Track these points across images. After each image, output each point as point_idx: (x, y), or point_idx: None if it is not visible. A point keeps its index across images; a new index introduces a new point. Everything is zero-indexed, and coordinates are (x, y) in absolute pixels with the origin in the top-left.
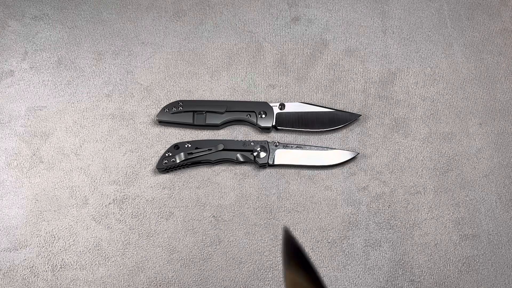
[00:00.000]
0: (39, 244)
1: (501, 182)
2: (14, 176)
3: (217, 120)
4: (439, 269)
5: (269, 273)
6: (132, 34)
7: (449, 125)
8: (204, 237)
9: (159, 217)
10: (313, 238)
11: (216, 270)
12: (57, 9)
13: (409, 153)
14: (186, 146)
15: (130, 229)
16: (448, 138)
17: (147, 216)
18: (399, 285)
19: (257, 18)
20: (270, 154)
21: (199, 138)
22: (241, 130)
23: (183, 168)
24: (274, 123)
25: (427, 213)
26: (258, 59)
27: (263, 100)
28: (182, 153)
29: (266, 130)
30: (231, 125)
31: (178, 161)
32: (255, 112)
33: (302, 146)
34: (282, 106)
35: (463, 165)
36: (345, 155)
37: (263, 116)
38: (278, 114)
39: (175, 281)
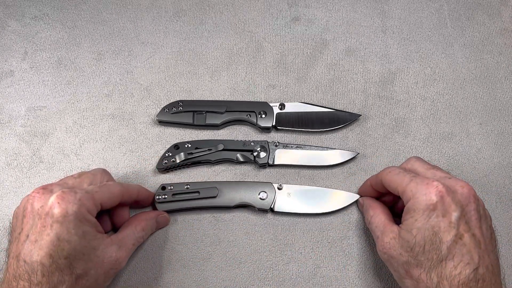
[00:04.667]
0: None
1: (501, 182)
2: (14, 176)
3: (217, 120)
4: None
5: (269, 273)
6: (132, 34)
7: (449, 125)
8: (204, 237)
9: None
10: (313, 238)
11: (216, 270)
12: (57, 9)
13: (409, 153)
14: (186, 146)
15: None
16: (448, 138)
17: None
18: (399, 285)
19: (257, 18)
20: (270, 154)
21: (199, 138)
22: (241, 130)
23: (183, 168)
24: (274, 123)
25: None
26: (258, 59)
27: (263, 100)
28: (182, 153)
29: (266, 130)
30: (231, 125)
31: (178, 161)
32: (255, 112)
33: (302, 146)
34: (282, 106)
35: (463, 165)
36: (345, 155)
37: (263, 116)
38: (278, 114)
39: (175, 281)
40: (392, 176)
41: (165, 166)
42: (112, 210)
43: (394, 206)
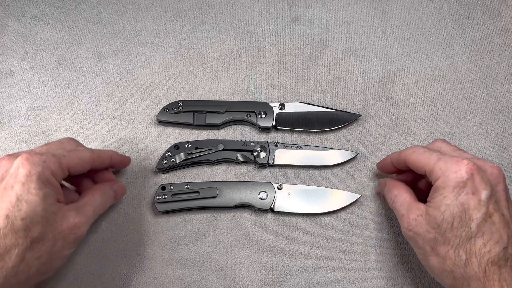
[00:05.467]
0: None
1: None
2: None
3: (217, 120)
4: None
5: (269, 273)
6: (132, 34)
7: (449, 125)
8: (204, 237)
9: (159, 217)
10: (313, 238)
11: (216, 270)
12: (57, 9)
13: None
14: (186, 146)
15: (130, 229)
16: (448, 138)
17: (147, 216)
18: (399, 285)
19: (257, 18)
20: (270, 154)
21: (199, 138)
22: (241, 130)
23: (183, 168)
24: (274, 123)
25: None
26: (258, 59)
27: (263, 100)
28: (182, 153)
29: (266, 130)
30: (231, 125)
31: (178, 161)
32: (255, 112)
33: (302, 146)
34: (282, 106)
35: None
36: (345, 155)
37: (263, 116)
38: (278, 114)
39: (175, 281)
40: (417, 156)
41: (165, 166)
42: (95, 174)
43: (414, 186)
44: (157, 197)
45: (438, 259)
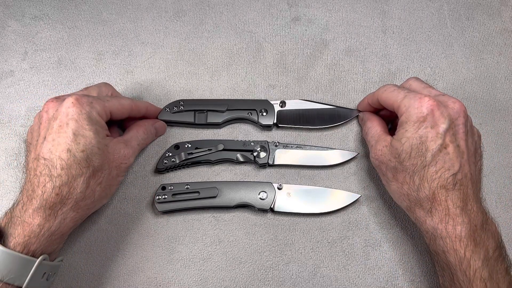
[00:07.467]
0: None
1: (501, 182)
2: (14, 176)
3: (219, 118)
4: None
5: (269, 273)
6: (132, 34)
7: None
8: (204, 237)
9: (159, 217)
10: (313, 238)
11: (216, 270)
12: (57, 9)
13: None
14: (186, 146)
15: (130, 229)
16: None
17: (147, 216)
18: (399, 285)
19: (257, 18)
20: (270, 154)
21: (199, 138)
22: (242, 129)
23: (183, 168)
24: (275, 121)
25: None
26: (258, 59)
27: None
28: (182, 153)
29: (267, 127)
30: (232, 123)
31: (178, 161)
32: (256, 110)
33: (302, 146)
34: (282, 103)
35: None
36: (345, 155)
37: (264, 114)
38: (279, 111)
39: (175, 281)
40: (387, 94)
41: (165, 166)
42: (125, 123)
43: (393, 123)
44: (157, 197)
45: (397, 184)
